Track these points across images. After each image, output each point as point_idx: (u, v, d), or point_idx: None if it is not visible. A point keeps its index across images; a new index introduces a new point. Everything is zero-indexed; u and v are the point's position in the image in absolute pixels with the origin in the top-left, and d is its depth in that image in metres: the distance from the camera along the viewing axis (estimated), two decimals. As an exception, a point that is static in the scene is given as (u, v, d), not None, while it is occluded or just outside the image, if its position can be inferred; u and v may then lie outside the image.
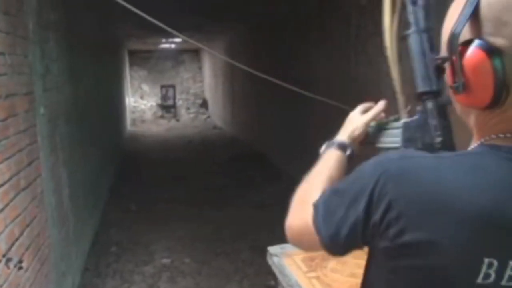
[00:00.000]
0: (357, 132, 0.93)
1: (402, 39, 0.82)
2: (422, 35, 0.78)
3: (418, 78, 0.79)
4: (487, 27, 0.57)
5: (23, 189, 2.23)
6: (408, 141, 0.81)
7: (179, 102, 15.35)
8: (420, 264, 0.59)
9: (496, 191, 0.56)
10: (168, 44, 13.13)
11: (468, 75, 0.58)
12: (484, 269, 0.55)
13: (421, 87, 0.79)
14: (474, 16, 0.57)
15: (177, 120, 14.35)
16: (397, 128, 0.85)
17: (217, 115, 13.64)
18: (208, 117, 14.60)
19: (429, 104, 0.78)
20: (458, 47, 0.59)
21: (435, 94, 0.78)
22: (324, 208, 0.69)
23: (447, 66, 0.63)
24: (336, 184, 0.73)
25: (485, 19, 0.57)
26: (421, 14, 0.79)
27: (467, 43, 0.58)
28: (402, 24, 0.83)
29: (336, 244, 0.68)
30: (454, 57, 0.60)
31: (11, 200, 2.03)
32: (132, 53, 14.66)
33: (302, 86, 4.77)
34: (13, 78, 2.15)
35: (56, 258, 2.82)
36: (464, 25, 0.58)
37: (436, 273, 0.58)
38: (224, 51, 11.63)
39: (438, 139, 0.76)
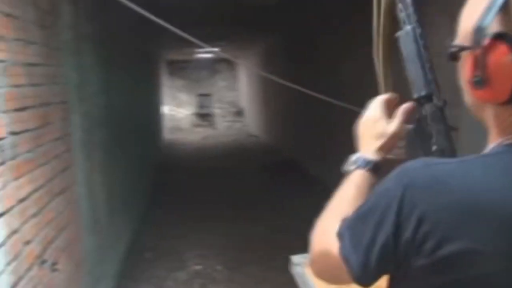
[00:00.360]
0: (387, 145, 0.80)
1: (395, 40, 0.77)
2: (416, 33, 0.73)
3: (416, 81, 0.74)
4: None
5: (58, 194, 2.32)
6: (411, 149, 0.76)
7: (215, 111, 15.56)
8: (463, 276, 0.55)
9: None
10: (204, 54, 13.37)
11: (492, 69, 0.56)
12: None
13: (420, 91, 0.73)
14: (505, 9, 0.55)
15: (213, 129, 14.54)
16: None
17: (252, 123, 13.71)
18: (244, 125, 14.70)
19: (429, 108, 0.73)
20: (486, 40, 0.56)
21: (433, 98, 0.73)
22: (350, 235, 0.63)
23: (465, 57, 0.60)
24: (359, 207, 0.66)
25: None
26: (411, 10, 0.74)
27: (497, 37, 0.55)
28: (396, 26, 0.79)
29: (367, 272, 0.62)
30: (478, 50, 0.57)
31: (46, 205, 2.11)
32: (170, 63, 15.05)
33: (333, 93, 4.73)
34: (48, 88, 2.24)
35: (91, 262, 2.90)
36: (493, 18, 0.55)
37: (480, 282, 0.55)
38: (259, 59, 11.70)
39: (435, 147, 0.71)
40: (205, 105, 15.22)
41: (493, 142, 0.62)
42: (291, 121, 8.78)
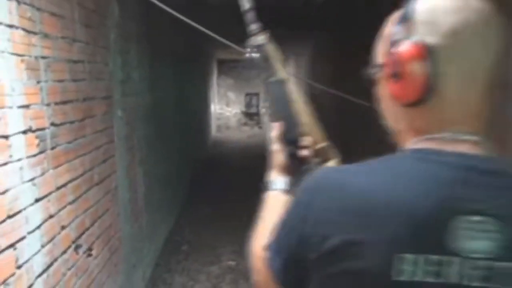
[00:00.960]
0: (276, 162, 0.92)
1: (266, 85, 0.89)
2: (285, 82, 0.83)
3: (294, 126, 0.87)
4: (419, 28, 0.61)
5: (97, 184, 2.46)
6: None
7: (262, 110, 15.66)
8: (348, 267, 0.59)
9: (413, 191, 0.58)
10: (254, 53, 13.51)
11: (402, 66, 0.61)
12: (399, 265, 0.56)
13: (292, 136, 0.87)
14: (408, 20, 0.62)
15: (260, 128, 14.64)
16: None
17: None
18: (290, 125, 14.68)
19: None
20: (397, 43, 0.63)
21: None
22: (273, 245, 0.70)
23: (384, 61, 0.67)
24: (280, 219, 0.72)
25: (417, 22, 0.62)
26: (279, 65, 0.84)
27: (409, 41, 0.62)
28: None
29: (287, 276, 0.67)
30: (392, 50, 0.63)
31: (83, 193, 2.25)
32: (220, 62, 15.33)
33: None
34: (91, 84, 2.39)
35: (127, 250, 3.05)
36: (400, 27, 0.63)
37: (361, 274, 0.58)
38: (307, 58, 11.65)
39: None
40: (252, 104, 15.37)
41: (403, 145, 0.66)
42: (335, 122, 8.67)
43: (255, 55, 0.96)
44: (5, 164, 1.51)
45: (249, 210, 5.02)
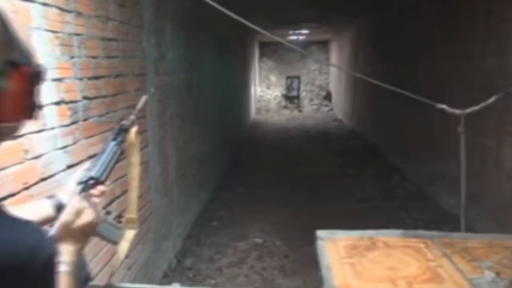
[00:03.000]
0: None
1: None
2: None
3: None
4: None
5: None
6: None
7: (303, 94, 15.55)
8: None
9: None
10: (296, 36, 13.36)
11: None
12: None
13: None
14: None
15: (300, 111, 14.58)
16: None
17: (339, 108, 13.47)
18: (331, 109, 14.50)
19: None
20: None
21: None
22: None
23: None
24: None
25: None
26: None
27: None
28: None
29: None
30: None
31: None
32: (262, 45, 15.31)
33: (421, 82, 4.46)
34: (124, 61, 2.52)
35: (157, 221, 3.22)
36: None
37: None
38: (349, 42, 11.40)
39: None
40: (293, 88, 15.29)
41: None
42: (375, 109, 8.49)
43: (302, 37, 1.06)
44: (39, 131, 1.66)
45: (280, 190, 5.15)
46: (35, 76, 0.67)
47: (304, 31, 11.86)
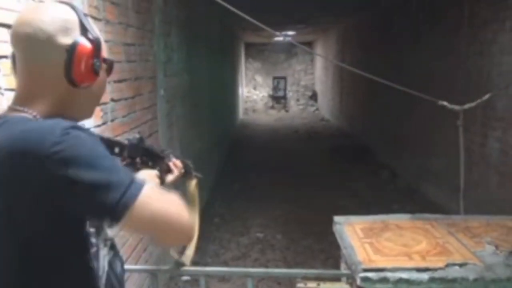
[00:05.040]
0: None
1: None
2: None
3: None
4: None
5: (144, 155, 2.75)
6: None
7: (289, 94, 15.79)
8: None
9: None
10: (281, 37, 13.57)
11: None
12: None
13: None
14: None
15: (286, 111, 14.81)
16: None
17: (325, 107, 13.75)
18: (317, 109, 14.78)
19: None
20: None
21: None
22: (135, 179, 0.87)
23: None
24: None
25: None
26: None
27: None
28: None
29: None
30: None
31: (134, 162, 2.54)
32: (248, 46, 15.49)
33: (408, 79, 4.69)
34: (140, 65, 2.66)
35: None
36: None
37: None
38: (335, 42, 11.67)
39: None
40: (279, 88, 15.51)
41: None
42: (362, 107, 8.76)
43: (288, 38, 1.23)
44: (78, 131, 1.80)
45: (276, 188, 5.33)
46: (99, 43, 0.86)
47: (290, 33, 12.09)
